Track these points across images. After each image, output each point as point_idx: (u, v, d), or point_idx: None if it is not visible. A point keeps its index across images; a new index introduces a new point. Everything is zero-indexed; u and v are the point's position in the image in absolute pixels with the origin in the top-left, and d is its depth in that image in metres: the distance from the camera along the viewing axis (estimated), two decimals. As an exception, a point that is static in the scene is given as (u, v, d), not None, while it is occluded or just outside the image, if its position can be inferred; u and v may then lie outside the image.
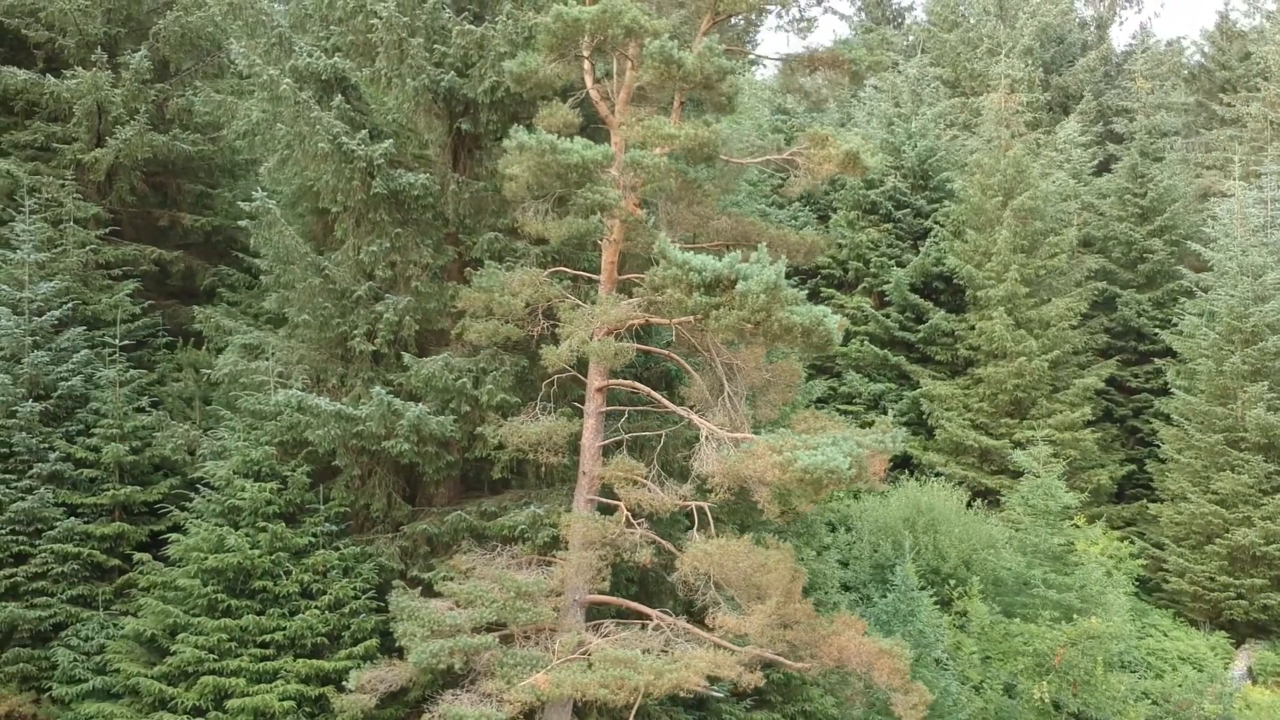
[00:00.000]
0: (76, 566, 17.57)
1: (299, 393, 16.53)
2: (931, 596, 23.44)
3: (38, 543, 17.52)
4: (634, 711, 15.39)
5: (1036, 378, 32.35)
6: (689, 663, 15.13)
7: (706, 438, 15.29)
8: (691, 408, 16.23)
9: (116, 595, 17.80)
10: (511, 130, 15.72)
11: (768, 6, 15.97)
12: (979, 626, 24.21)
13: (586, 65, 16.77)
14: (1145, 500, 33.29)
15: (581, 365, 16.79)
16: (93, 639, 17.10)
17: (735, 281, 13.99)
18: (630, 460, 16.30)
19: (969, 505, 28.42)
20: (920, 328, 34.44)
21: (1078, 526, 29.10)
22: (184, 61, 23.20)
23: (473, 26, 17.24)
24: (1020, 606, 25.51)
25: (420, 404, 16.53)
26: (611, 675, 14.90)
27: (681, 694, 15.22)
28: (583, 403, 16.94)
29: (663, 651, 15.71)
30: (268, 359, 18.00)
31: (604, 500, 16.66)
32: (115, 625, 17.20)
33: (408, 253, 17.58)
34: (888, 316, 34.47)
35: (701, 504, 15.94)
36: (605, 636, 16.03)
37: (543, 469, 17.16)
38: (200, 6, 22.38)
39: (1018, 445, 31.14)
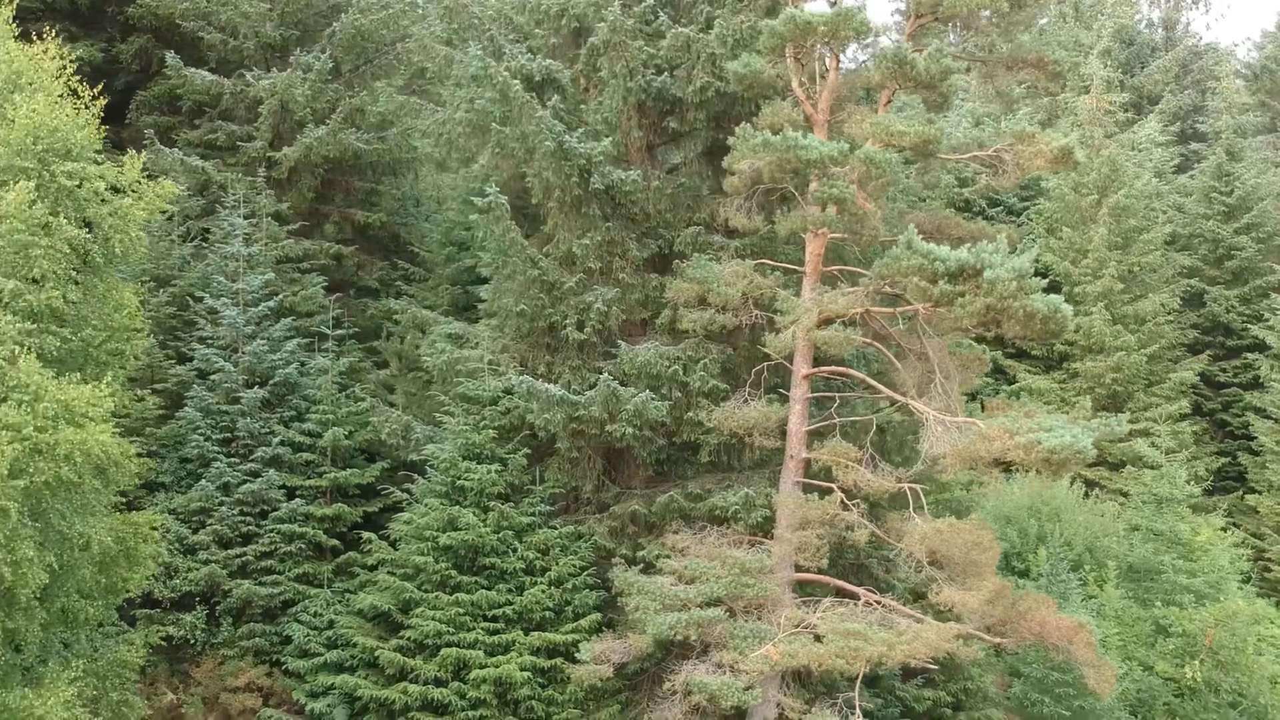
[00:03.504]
0: (301, 546, 18.37)
1: (528, 379, 17.27)
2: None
3: (263, 523, 18.31)
4: (858, 681, 16.16)
5: (1134, 372, 33.09)
6: (917, 635, 15.86)
7: (933, 421, 15.99)
8: (904, 394, 16.96)
9: (336, 573, 18.57)
10: (739, 129, 16.46)
11: (982, 10, 16.65)
12: (1113, 611, 24.90)
13: (792, 65, 17.47)
14: (1241, 491, 33.99)
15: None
16: (321, 615, 17.86)
17: (980, 270, 14.71)
18: (843, 444, 17.01)
19: (1086, 495, 29.15)
20: (1017, 323, 35.15)
21: (1181, 519, 29.78)
22: (351, 63, 23.93)
23: (682, 29, 17.98)
24: (1145, 591, 26.22)
25: (644, 391, 17.23)
26: (846, 646, 15.63)
27: (913, 664, 15.96)
28: (785, 389, 17.68)
29: (881, 626, 16.44)
30: (474, 347, 18.76)
31: (809, 482, 17.40)
32: (342, 601, 17.96)
33: (616, 246, 18.34)
34: (985, 312, 35.09)
35: (915, 486, 16.69)
36: (823, 612, 16.76)
37: (749, 451, 17.89)
38: (374, 10, 23.13)
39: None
